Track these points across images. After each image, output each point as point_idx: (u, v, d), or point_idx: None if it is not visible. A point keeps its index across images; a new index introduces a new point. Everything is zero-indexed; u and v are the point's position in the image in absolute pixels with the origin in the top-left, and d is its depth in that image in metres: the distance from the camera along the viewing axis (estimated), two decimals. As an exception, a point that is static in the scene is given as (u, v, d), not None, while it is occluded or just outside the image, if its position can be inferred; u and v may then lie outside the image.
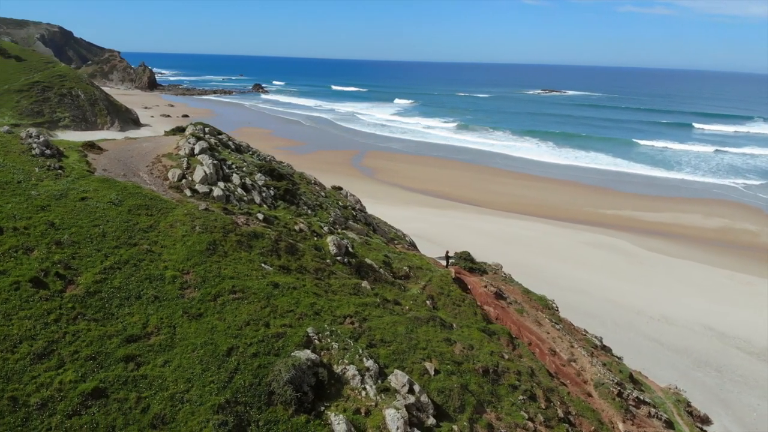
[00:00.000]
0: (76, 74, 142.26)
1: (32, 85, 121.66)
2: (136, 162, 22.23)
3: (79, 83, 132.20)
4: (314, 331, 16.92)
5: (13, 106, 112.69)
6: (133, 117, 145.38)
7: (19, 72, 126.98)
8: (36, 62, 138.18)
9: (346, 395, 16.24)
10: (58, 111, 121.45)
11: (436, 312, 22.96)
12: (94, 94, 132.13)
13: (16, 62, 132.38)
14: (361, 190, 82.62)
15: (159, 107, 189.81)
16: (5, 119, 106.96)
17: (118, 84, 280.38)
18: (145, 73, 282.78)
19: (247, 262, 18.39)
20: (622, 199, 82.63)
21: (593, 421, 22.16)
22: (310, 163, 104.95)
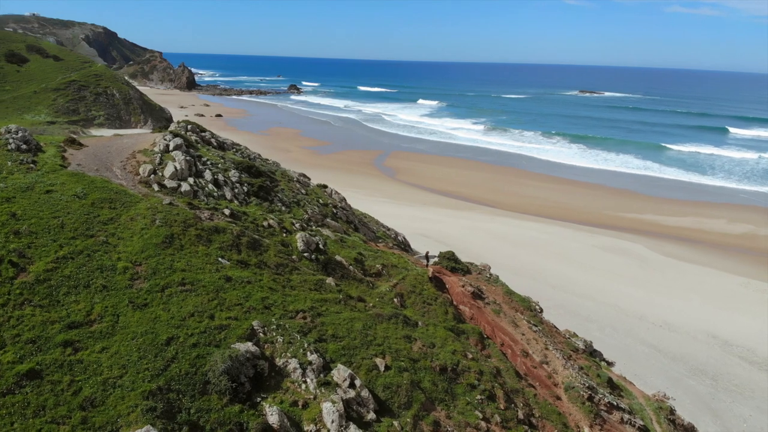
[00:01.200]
0: (112, 74, 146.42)
1: (69, 84, 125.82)
2: (113, 157, 22.99)
3: (115, 83, 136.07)
4: (260, 324, 17.22)
5: (49, 105, 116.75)
6: (166, 116, 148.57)
7: (56, 71, 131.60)
8: (73, 62, 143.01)
9: (286, 388, 16.49)
10: (93, 109, 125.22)
11: (402, 310, 23.02)
12: (129, 93, 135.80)
13: (54, 62, 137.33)
14: (379, 190, 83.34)
15: (195, 107, 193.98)
16: (42, 117, 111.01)
17: (158, 84, 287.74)
18: (184, 73, 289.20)
19: (203, 256, 18.81)
20: (646, 203, 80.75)
21: (557, 424, 21.88)
22: (333, 162, 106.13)
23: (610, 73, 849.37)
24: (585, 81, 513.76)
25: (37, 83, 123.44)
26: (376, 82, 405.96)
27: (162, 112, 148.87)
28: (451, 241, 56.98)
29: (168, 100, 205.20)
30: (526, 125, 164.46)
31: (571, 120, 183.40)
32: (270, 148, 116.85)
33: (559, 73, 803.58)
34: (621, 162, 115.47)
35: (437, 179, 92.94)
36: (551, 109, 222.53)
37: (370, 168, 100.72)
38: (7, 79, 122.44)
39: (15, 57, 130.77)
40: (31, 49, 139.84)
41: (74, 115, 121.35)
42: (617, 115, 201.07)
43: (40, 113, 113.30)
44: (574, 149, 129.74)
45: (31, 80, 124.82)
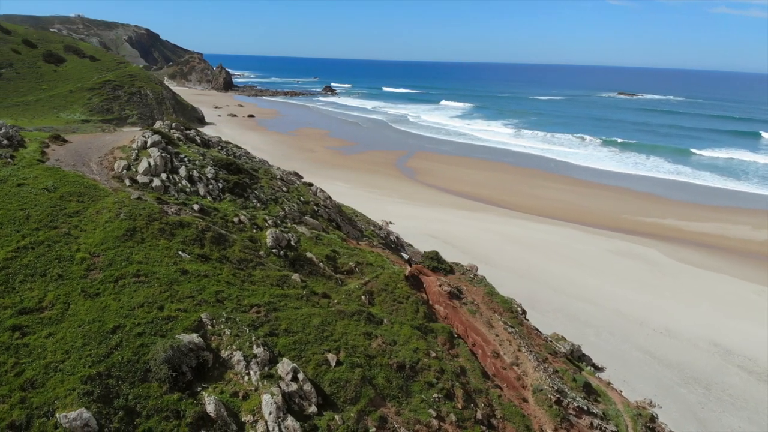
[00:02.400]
0: (146, 74, 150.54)
1: (104, 84, 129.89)
2: (92, 153, 23.91)
3: (148, 83, 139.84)
4: (208, 317, 17.69)
5: (85, 103, 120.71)
6: (198, 116, 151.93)
7: (92, 71, 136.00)
8: (109, 62, 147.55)
9: (228, 379, 16.92)
10: (127, 109, 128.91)
11: (369, 307, 23.24)
12: (162, 93, 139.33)
13: (91, 62, 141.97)
14: (397, 190, 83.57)
15: (229, 107, 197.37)
16: (77, 115, 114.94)
17: (196, 84, 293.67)
18: (221, 74, 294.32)
19: (163, 249, 19.40)
20: (669, 208, 78.82)
21: (519, 426, 21.77)
22: (356, 163, 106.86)
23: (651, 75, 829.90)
24: (624, 83, 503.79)
25: (73, 83, 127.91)
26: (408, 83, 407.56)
27: (194, 112, 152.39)
28: (459, 242, 56.87)
29: (203, 101, 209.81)
30: (558, 127, 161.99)
31: (604, 123, 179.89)
32: (296, 148, 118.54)
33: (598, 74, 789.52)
34: (651, 166, 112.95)
35: (456, 180, 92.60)
36: (586, 112, 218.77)
37: (391, 168, 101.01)
38: (44, 78, 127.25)
39: (52, 57, 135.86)
40: (69, 49, 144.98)
41: (108, 114, 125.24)
42: (653, 119, 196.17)
43: (75, 112, 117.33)
44: (605, 152, 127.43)
45: (68, 80, 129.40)
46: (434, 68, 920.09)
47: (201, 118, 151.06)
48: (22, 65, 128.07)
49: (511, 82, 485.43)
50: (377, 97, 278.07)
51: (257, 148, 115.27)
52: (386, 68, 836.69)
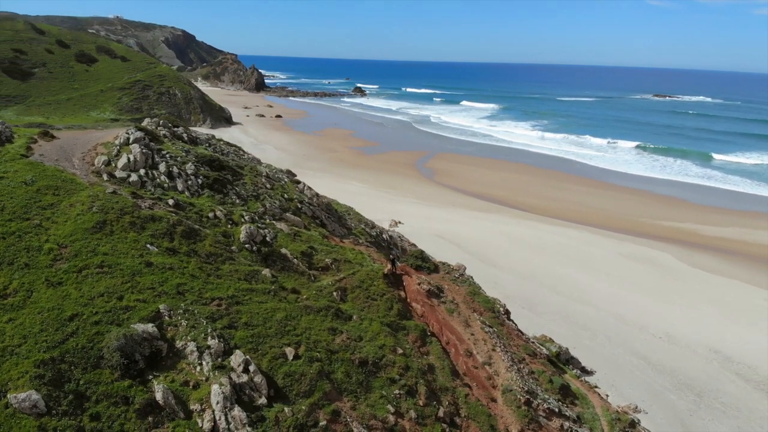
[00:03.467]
0: (175, 74, 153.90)
1: (134, 84, 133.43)
2: (77, 149, 24.79)
3: (177, 83, 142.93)
4: (166, 308, 18.21)
5: (115, 103, 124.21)
6: (225, 116, 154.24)
7: (123, 71, 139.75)
8: (139, 62, 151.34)
9: (181, 368, 17.41)
10: (156, 108, 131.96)
11: (340, 304, 23.50)
12: (190, 93, 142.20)
13: (122, 62, 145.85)
14: (412, 191, 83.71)
15: (258, 107, 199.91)
16: (106, 114, 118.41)
17: (228, 85, 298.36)
18: (253, 75, 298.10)
19: (131, 242, 20.04)
20: (691, 211, 77.06)
21: (484, 426, 21.75)
22: (376, 163, 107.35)
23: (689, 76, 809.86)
24: (660, 84, 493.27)
25: (104, 82, 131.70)
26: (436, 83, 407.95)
27: (221, 112, 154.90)
28: (466, 243, 56.69)
29: (234, 101, 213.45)
30: (585, 129, 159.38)
31: (634, 125, 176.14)
32: (319, 148, 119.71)
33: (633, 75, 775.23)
34: (679, 169, 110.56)
35: (474, 181, 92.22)
36: (616, 114, 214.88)
37: (409, 169, 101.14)
38: (76, 78, 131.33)
39: (85, 57, 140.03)
40: (101, 50, 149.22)
41: (137, 113, 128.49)
42: (686, 121, 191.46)
43: (105, 111, 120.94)
44: (631, 155, 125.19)
45: (99, 79, 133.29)
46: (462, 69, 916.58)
47: (228, 118, 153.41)
48: (55, 65, 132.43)
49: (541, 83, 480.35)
50: (403, 98, 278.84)
51: (280, 148, 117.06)
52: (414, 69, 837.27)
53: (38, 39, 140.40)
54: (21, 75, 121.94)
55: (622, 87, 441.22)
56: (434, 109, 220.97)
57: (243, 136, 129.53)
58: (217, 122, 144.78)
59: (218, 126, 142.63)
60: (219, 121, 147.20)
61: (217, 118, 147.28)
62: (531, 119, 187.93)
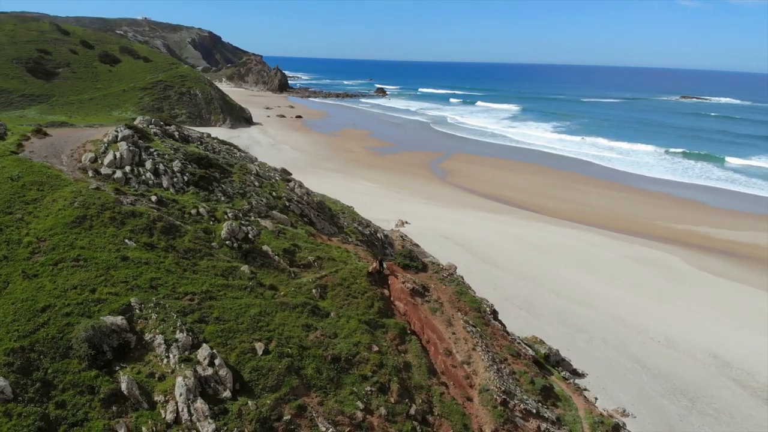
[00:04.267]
0: (197, 75, 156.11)
1: (155, 84, 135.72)
2: (66, 146, 25.50)
3: (198, 83, 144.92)
4: (138, 301, 18.68)
5: (136, 102, 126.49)
6: (245, 116, 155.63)
7: (145, 72, 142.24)
8: (162, 63, 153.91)
9: (148, 360, 17.85)
10: (176, 108, 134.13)
11: (318, 301, 23.76)
12: (210, 93, 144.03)
13: (144, 63, 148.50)
14: (422, 191, 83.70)
15: (280, 108, 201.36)
16: (128, 114, 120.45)
17: (252, 86, 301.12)
18: (277, 76, 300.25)
19: (110, 237, 20.58)
20: (707, 215, 75.66)
21: (457, 425, 21.82)
22: (390, 163, 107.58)
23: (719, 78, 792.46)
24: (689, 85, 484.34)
25: (126, 82, 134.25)
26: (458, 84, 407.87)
27: (242, 112, 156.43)
28: (472, 244, 56.51)
29: (256, 101, 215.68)
30: (608, 131, 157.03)
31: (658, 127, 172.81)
32: (335, 148, 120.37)
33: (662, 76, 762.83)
34: (700, 172, 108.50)
35: (488, 182, 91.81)
36: (640, 115, 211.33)
37: (423, 169, 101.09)
38: (99, 78, 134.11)
39: (108, 58, 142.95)
40: (124, 50, 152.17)
41: (158, 113, 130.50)
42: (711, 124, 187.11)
43: (126, 110, 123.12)
44: (653, 157, 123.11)
45: (122, 80, 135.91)
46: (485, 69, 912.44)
47: (248, 118, 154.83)
48: (78, 65, 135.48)
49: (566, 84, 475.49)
50: (424, 99, 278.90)
51: (297, 148, 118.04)
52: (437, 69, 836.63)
53: (63, 39, 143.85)
54: (45, 75, 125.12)
55: (649, 88, 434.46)
56: (453, 110, 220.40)
57: (261, 136, 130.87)
58: (236, 122, 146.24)
59: (238, 126, 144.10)
60: (239, 121, 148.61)
61: (237, 118, 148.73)
62: (552, 120, 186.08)
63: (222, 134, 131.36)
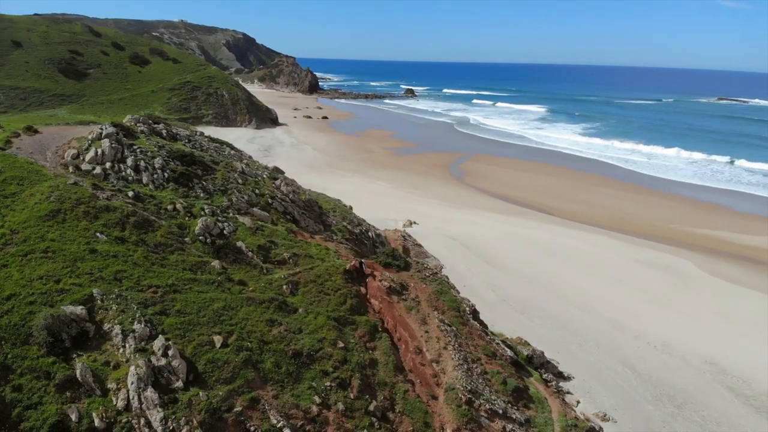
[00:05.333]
0: (224, 76, 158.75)
1: (183, 85, 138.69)
2: (53, 144, 26.50)
3: (225, 84, 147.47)
4: (100, 292, 19.37)
5: (164, 103, 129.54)
6: (271, 117, 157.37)
7: (174, 73, 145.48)
8: (190, 64, 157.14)
9: (105, 349, 18.53)
10: (203, 108, 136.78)
11: (288, 297, 24.15)
12: (237, 94, 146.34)
13: (173, 64, 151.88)
14: (436, 192, 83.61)
15: (308, 109, 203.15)
16: (156, 113, 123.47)
17: (283, 87, 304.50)
18: (307, 77, 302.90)
19: (81, 230, 21.38)
20: (728, 219, 73.65)
21: (418, 422, 21.94)
22: (408, 163, 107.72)
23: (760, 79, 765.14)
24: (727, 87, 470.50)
25: (155, 83, 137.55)
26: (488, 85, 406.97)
27: (268, 113, 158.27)
28: (477, 245, 56.21)
29: (285, 102, 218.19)
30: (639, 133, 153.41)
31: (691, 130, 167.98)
32: (355, 149, 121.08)
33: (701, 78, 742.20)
34: (730, 176, 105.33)
35: (505, 183, 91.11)
36: (675, 117, 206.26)
37: (441, 170, 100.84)
38: (129, 78, 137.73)
39: (138, 59, 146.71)
40: (154, 52, 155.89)
41: (185, 113, 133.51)
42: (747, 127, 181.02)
43: (154, 110, 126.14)
44: (682, 160, 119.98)
45: (151, 80, 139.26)
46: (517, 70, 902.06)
47: (274, 119, 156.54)
48: (109, 66, 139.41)
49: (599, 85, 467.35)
50: (452, 99, 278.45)
51: (318, 149, 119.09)
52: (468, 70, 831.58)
53: (94, 41, 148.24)
54: (76, 75, 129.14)
55: (686, 90, 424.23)
56: (480, 111, 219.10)
57: (285, 137, 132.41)
58: (262, 123, 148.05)
59: (263, 126, 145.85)
60: (264, 121, 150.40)
61: (262, 119, 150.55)
62: (581, 122, 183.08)
63: (247, 134, 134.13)
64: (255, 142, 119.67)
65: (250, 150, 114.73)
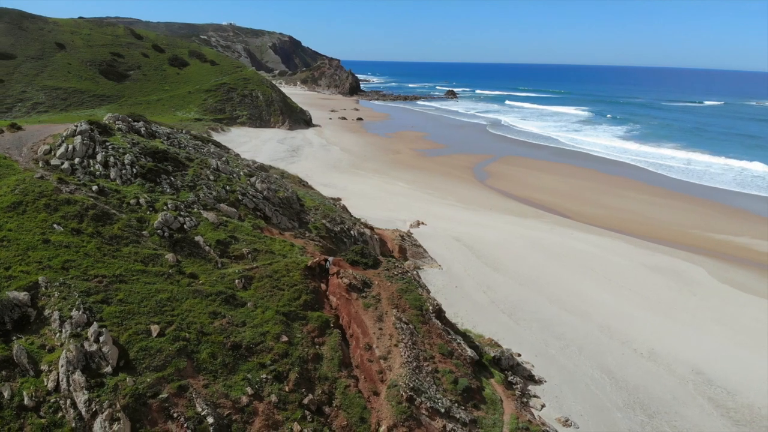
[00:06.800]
0: (259, 78, 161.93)
1: (219, 86, 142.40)
2: (31, 140, 27.98)
3: (260, 86, 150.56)
4: (45, 280, 20.47)
5: (200, 104, 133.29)
6: (305, 118, 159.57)
7: (211, 74, 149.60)
8: (227, 66, 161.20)
9: (43, 333, 19.59)
10: (238, 110, 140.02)
11: (238, 291, 24.77)
12: (272, 96, 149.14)
13: (211, 66, 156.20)
14: (453, 193, 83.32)
15: (345, 110, 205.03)
16: (191, 114, 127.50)
17: (324, 89, 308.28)
18: (348, 79, 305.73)
19: (39, 221, 22.60)
20: (753, 225, 70.66)
21: (353, 417, 22.25)
22: (433, 164, 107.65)
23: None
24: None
25: (192, 84, 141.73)
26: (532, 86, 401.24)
27: (302, 115, 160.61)
28: (480, 246, 55.72)
29: (324, 104, 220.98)
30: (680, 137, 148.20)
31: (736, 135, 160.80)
32: (382, 150, 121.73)
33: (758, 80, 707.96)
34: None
35: (528, 185, 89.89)
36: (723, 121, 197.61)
37: (464, 171, 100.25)
38: (167, 80, 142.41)
39: (177, 61, 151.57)
40: (193, 54, 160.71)
41: (220, 114, 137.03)
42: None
43: (190, 111, 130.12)
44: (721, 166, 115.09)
45: (188, 82, 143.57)
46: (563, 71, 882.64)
47: (308, 121, 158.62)
48: (149, 68, 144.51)
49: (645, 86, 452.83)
50: (493, 101, 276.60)
51: (345, 149, 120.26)
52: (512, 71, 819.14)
53: (136, 44, 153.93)
54: (117, 77, 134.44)
55: (740, 92, 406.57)
56: (518, 113, 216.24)
57: (315, 138, 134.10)
58: (295, 124, 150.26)
59: (296, 128, 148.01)
60: (298, 123, 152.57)
61: (296, 120, 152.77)
62: (621, 125, 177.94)
63: (278, 135, 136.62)
64: (285, 143, 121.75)
65: (278, 150, 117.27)
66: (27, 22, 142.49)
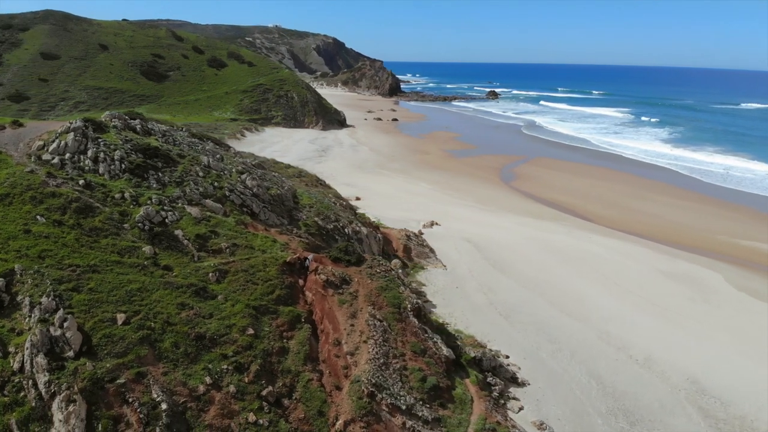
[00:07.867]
0: (295, 79, 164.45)
1: (256, 87, 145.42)
2: (29, 136, 29.43)
3: (295, 87, 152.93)
4: (21, 267, 21.66)
5: (236, 104, 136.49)
6: (339, 119, 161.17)
7: (248, 75, 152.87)
8: (264, 68, 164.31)
9: (14, 317, 20.79)
10: (273, 110, 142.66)
11: (212, 284, 25.47)
12: (306, 96, 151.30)
13: (248, 67, 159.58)
14: (473, 193, 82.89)
15: (382, 111, 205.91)
16: (227, 114, 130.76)
17: (364, 90, 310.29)
18: (388, 80, 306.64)
19: (24, 213, 23.91)
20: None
21: (311, 410, 22.67)
22: (459, 165, 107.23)
23: None
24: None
25: (229, 85, 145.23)
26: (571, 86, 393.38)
27: (336, 115, 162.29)
28: (490, 248, 55.22)
29: (361, 105, 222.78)
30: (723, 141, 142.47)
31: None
32: (411, 150, 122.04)
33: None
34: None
35: (553, 187, 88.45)
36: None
37: (490, 172, 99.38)
38: (206, 81, 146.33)
39: (215, 62, 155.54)
40: (231, 55, 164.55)
41: (256, 114, 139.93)
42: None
43: (226, 111, 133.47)
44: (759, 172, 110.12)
45: (226, 82, 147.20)
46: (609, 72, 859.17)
47: (342, 121, 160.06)
48: (188, 69, 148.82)
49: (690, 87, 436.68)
50: (532, 101, 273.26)
51: (375, 150, 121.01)
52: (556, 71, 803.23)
53: (176, 45, 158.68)
54: (157, 77, 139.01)
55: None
56: (557, 114, 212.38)
57: (347, 138, 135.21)
58: (329, 124, 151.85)
59: (329, 128, 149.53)
60: (332, 123, 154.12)
61: (330, 120, 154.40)
62: (661, 127, 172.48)
63: (310, 136, 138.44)
64: (315, 143, 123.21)
65: (307, 150, 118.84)
66: (72, 24, 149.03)
